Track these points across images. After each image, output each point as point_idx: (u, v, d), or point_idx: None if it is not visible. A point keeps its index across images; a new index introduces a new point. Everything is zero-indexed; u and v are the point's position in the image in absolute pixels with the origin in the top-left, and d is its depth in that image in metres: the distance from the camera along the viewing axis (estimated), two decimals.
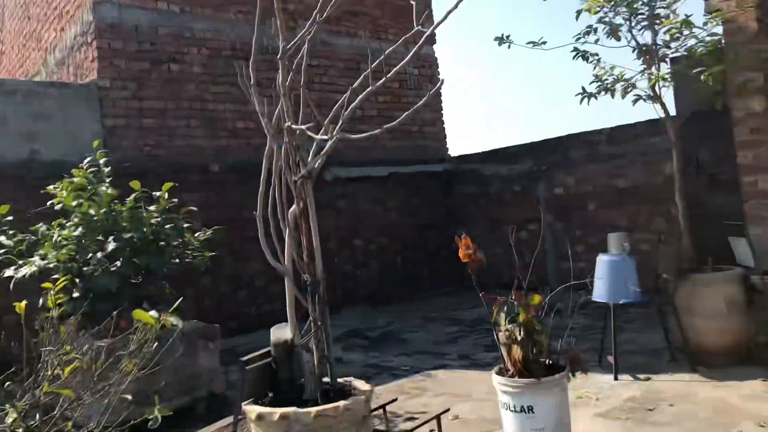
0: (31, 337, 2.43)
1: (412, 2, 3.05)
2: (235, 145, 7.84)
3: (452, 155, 10.00)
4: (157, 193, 4.73)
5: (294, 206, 3.05)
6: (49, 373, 2.21)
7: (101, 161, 4.83)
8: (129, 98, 7.10)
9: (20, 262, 4.29)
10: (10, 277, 4.28)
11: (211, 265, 5.06)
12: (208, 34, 7.73)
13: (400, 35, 9.27)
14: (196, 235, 4.92)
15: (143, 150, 7.12)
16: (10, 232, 4.58)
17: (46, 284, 2.71)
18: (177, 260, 4.69)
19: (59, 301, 2.61)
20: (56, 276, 4.15)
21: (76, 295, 4.16)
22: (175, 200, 4.80)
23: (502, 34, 5.25)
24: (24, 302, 2.37)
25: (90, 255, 4.28)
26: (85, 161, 4.77)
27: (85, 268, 4.27)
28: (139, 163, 6.81)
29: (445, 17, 2.63)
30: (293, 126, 2.92)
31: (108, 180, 4.74)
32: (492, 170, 9.12)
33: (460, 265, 3.40)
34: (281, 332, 3.01)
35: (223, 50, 7.83)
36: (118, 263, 4.28)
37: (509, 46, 5.25)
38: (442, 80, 2.55)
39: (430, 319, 7.41)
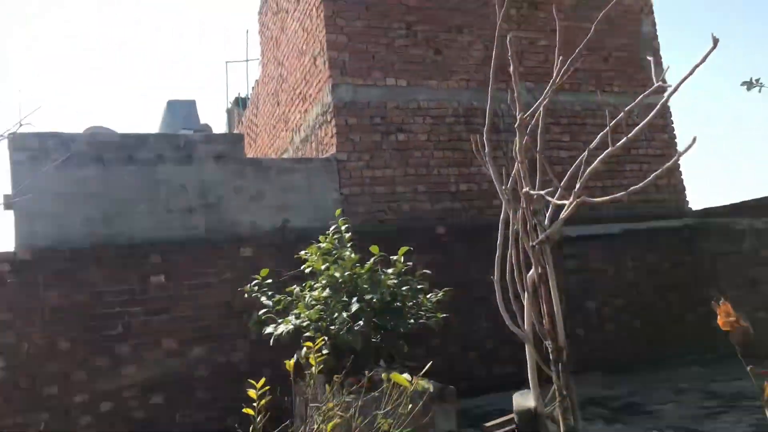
0: (297, 391, 2.67)
1: (648, 58, 2.94)
2: (458, 208, 8.05)
3: (693, 209, 9.20)
4: (394, 257, 5.00)
5: (532, 271, 3.02)
6: (315, 427, 2.41)
7: (343, 228, 5.25)
8: (363, 168, 7.69)
9: (279, 320, 4.79)
10: (270, 334, 4.79)
11: (442, 326, 5.16)
12: (432, 104, 8.15)
13: (625, 87, 9.00)
14: (428, 296, 5.09)
15: (376, 216, 7.61)
16: (269, 293, 5.17)
17: (307, 343, 2.98)
18: (412, 320, 4.87)
19: (320, 359, 2.85)
20: (308, 334, 4.55)
21: (325, 352, 4.50)
22: (410, 263, 5.03)
23: (751, 78, 4.79)
24: (293, 360, 2.64)
25: (336, 315, 4.63)
26: (331, 228, 5.23)
27: (331, 327, 4.62)
28: (372, 228, 7.29)
29: (691, 73, 2.48)
30: (531, 192, 2.92)
31: (349, 245, 5.14)
32: (744, 224, 8.19)
33: (711, 331, 3.07)
34: (524, 399, 2.95)
35: (446, 117, 8.18)
36: (361, 323, 4.56)
37: (759, 90, 4.76)
38: (695, 138, 2.37)
39: (679, 390, 6.71)
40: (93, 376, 6.11)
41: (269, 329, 4.82)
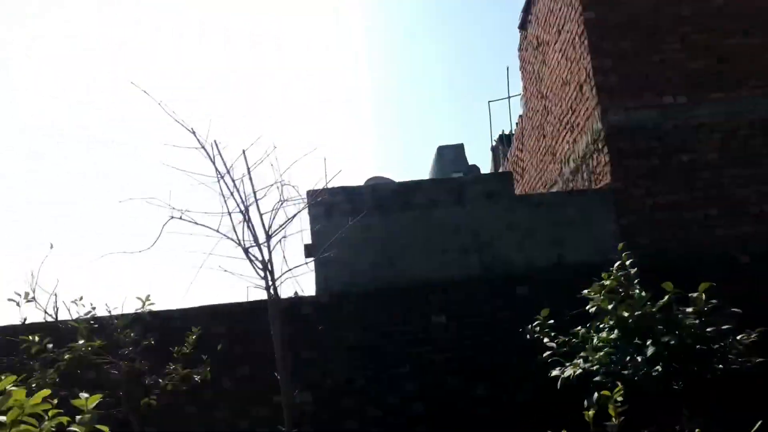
0: None
1: None
2: (763, 232, 7.01)
3: None
4: (692, 294, 4.48)
5: None
6: None
7: (627, 262, 4.87)
8: (642, 196, 7.13)
9: (566, 363, 4.58)
10: (557, 377, 4.60)
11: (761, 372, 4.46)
12: (720, 118, 7.29)
13: None
14: (738, 337, 4.44)
15: (661, 246, 6.97)
16: (552, 333, 4.98)
17: (604, 392, 2.77)
18: (720, 366, 4.29)
19: (619, 409, 2.62)
20: (598, 378, 4.27)
21: (619, 399, 4.17)
22: (714, 301, 4.45)
23: None
24: (592, 411, 2.47)
25: (628, 358, 4.27)
26: (615, 264, 4.89)
27: (624, 372, 4.27)
28: (654, 260, 6.66)
29: None
30: None
31: (636, 281, 4.74)
32: None
33: None
34: None
35: (739, 130, 7.25)
36: (659, 368, 4.14)
37: None
38: None
39: None
40: (386, 413, 6.49)
41: (555, 372, 4.63)
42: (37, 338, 4.63)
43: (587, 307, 4.80)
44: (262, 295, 4.31)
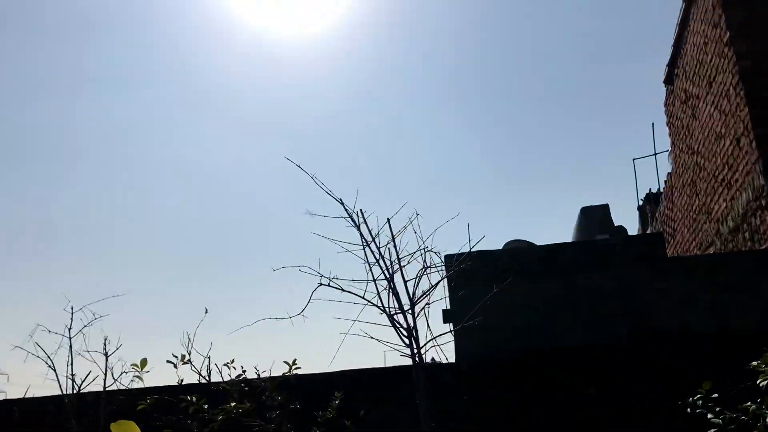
0: None
1: None
2: None
3: None
4: None
5: None
6: None
7: None
8: None
9: None
10: None
11: None
12: None
13: None
14: None
15: None
16: (717, 409, 4.50)
17: None
18: None
19: None
20: None
21: None
22: None
23: None
24: None
25: None
26: None
27: None
28: None
29: None
30: None
31: None
32: None
33: None
34: None
35: None
36: None
37: None
38: None
39: None
40: None
41: None
42: (194, 398, 4.92)
43: (757, 381, 4.31)
44: (401, 361, 4.31)
